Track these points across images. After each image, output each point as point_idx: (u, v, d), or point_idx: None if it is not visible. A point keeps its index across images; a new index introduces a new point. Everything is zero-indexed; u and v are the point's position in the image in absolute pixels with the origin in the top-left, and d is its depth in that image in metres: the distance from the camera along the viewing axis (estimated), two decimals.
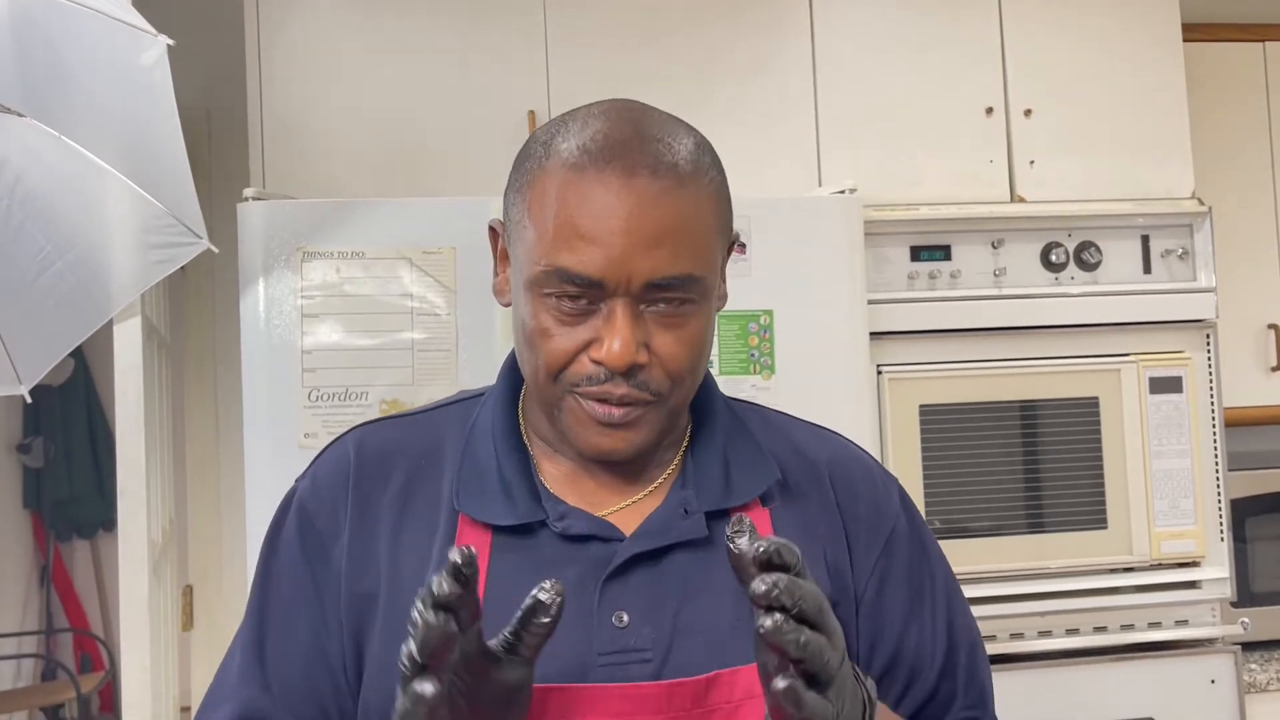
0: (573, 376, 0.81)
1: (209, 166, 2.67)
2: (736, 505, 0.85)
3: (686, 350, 0.81)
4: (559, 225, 0.79)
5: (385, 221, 1.75)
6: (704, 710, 0.79)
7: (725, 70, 2.08)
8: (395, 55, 2.02)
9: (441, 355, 1.74)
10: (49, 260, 1.56)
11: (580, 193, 0.79)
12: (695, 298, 0.81)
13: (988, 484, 1.98)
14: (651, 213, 0.79)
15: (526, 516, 0.83)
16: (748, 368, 1.81)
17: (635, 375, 0.80)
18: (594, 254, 0.78)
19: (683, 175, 0.81)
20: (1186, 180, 2.14)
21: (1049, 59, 2.14)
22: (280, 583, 0.86)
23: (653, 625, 0.80)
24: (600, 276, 0.78)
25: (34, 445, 4.58)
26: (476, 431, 0.88)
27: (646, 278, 0.78)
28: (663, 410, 0.83)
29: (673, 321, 0.81)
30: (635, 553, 0.82)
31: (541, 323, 0.81)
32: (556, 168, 0.81)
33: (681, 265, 0.79)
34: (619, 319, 0.79)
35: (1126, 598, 2.00)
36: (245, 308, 1.72)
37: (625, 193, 0.78)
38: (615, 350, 0.78)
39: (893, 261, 2.01)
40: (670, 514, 0.84)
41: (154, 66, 1.34)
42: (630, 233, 0.78)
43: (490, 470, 0.85)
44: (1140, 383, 2.01)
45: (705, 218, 0.82)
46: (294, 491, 0.89)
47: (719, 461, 0.87)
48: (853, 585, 0.88)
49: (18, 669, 4.42)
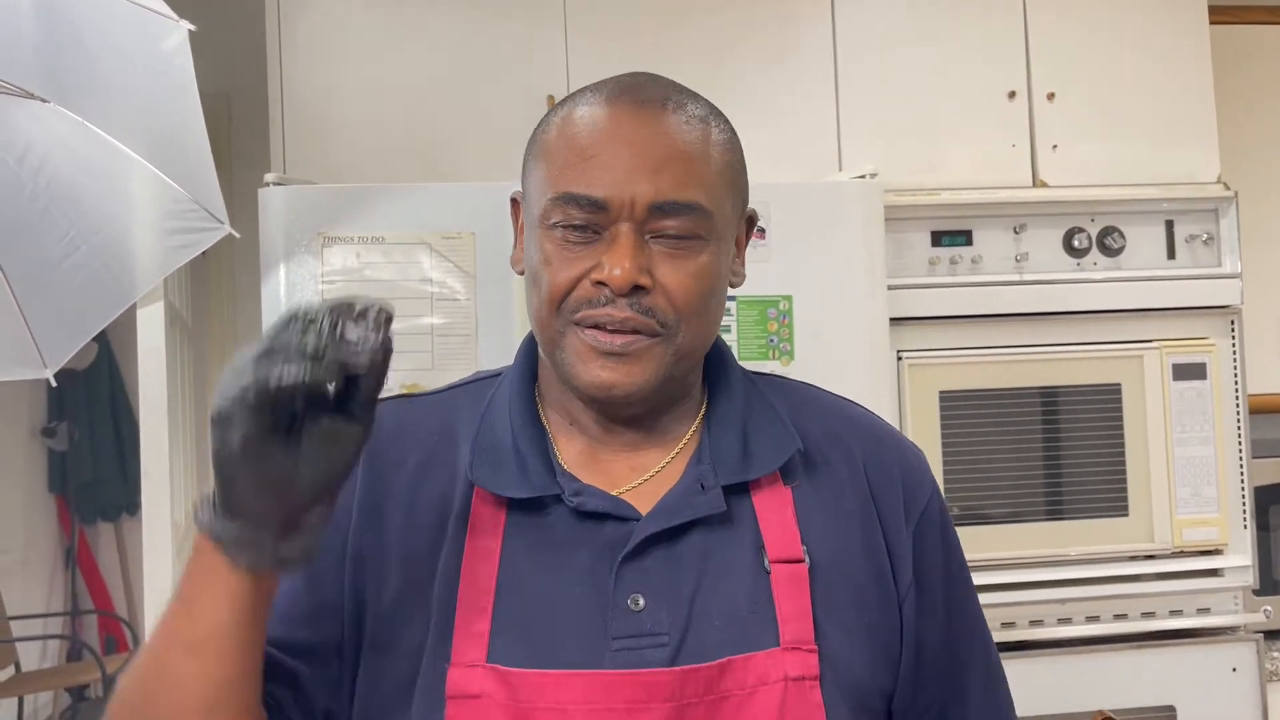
0: (574, 304, 0.80)
1: (230, 153, 2.68)
2: (756, 477, 0.83)
3: (693, 282, 0.80)
4: (566, 155, 0.80)
5: (405, 206, 1.75)
6: (716, 697, 0.78)
7: (745, 55, 2.07)
8: (415, 41, 2.02)
9: (461, 340, 1.74)
10: (74, 245, 1.57)
11: (588, 122, 0.81)
12: (702, 234, 0.80)
13: (1008, 471, 1.97)
14: (658, 138, 0.79)
15: (541, 490, 0.82)
16: (766, 353, 1.81)
17: (638, 302, 0.79)
18: (599, 175, 0.78)
19: (692, 115, 0.82)
20: (1212, 164, 2.12)
21: (1073, 42, 2.12)
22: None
23: (669, 608, 0.79)
24: (604, 197, 0.78)
25: (59, 429, 4.63)
26: (493, 407, 0.87)
27: (650, 199, 0.78)
28: (669, 349, 0.80)
29: (678, 254, 0.80)
30: (652, 532, 0.81)
31: (546, 254, 0.81)
32: (568, 115, 0.83)
33: (687, 193, 0.79)
34: (622, 240, 0.78)
35: (1148, 585, 1.99)
36: (266, 293, 1.73)
37: (633, 119, 0.80)
38: (617, 268, 0.77)
39: (913, 247, 2.00)
40: (687, 489, 0.83)
41: (175, 52, 1.35)
42: (636, 155, 0.78)
43: (506, 444, 0.84)
44: (1163, 369, 2.00)
45: (714, 160, 0.82)
46: None
47: (737, 433, 0.85)
48: (889, 563, 0.85)
49: (44, 650, 4.48)
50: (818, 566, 0.82)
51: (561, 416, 0.87)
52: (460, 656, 0.78)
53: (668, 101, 0.81)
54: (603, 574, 0.80)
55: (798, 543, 0.82)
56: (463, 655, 0.78)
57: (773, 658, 0.79)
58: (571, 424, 0.87)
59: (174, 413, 1.81)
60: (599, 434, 0.86)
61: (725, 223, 0.83)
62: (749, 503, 0.84)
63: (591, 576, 0.80)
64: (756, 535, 0.82)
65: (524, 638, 0.79)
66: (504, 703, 0.77)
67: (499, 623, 0.79)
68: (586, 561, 0.80)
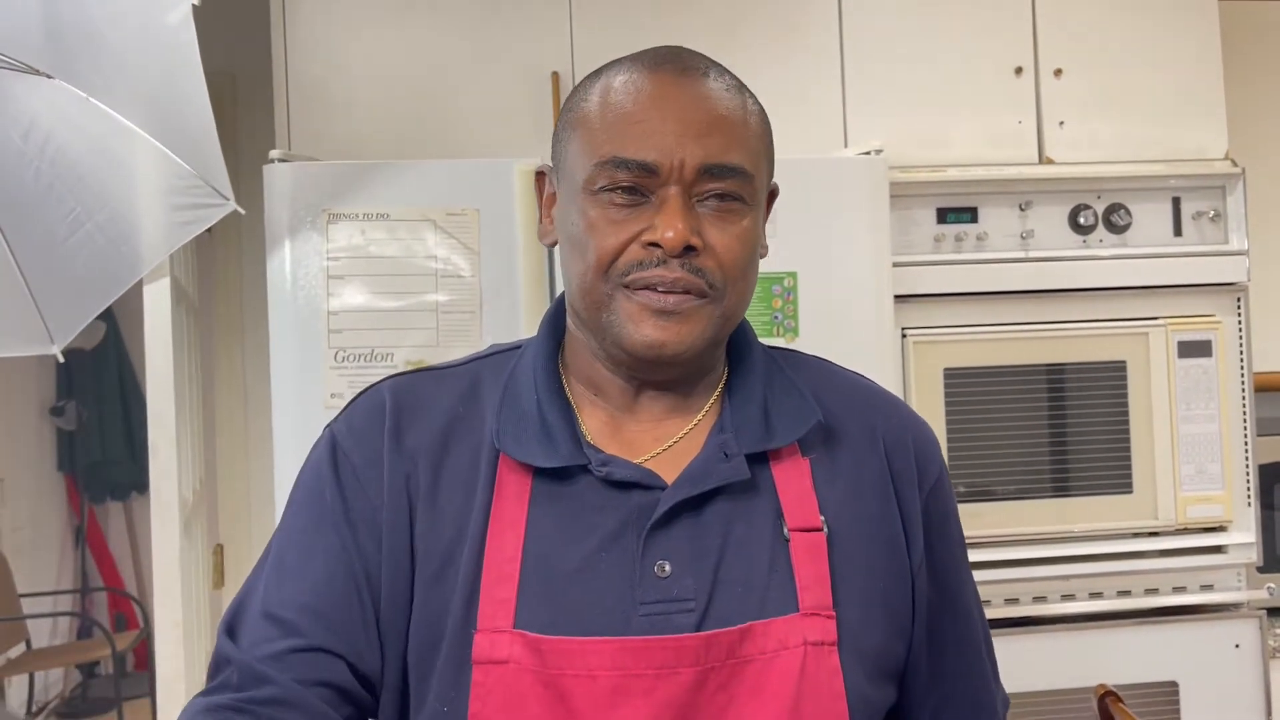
0: (624, 266, 0.80)
1: (235, 130, 2.68)
2: (777, 447, 0.84)
3: (739, 245, 0.81)
4: (612, 121, 0.81)
5: (409, 183, 1.75)
6: (739, 661, 0.79)
7: (751, 31, 2.06)
8: (419, 17, 2.02)
9: (465, 317, 1.75)
10: (79, 221, 1.58)
11: (633, 90, 0.82)
12: (745, 197, 0.82)
13: (1013, 448, 1.97)
14: (704, 103, 0.81)
15: (568, 459, 0.82)
16: (771, 330, 1.81)
17: (689, 262, 0.80)
18: (648, 139, 0.79)
19: (730, 84, 0.84)
20: (1220, 141, 2.11)
21: (1080, 17, 2.10)
22: (310, 507, 0.85)
23: (694, 575, 0.80)
24: (654, 160, 0.79)
25: (67, 408, 4.65)
26: (517, 377, 0.88)
27: (700, 161, 0.79)
28: (716, 310, 0.82)
29: (724, 217, 0.81)
30: (678, 500, 0.81)
31: (592, 220, 0.81)
32: (608, 84, 0.83)
33: (733, 156, 0.80)
34: (673, 201, 0.79)
35: (1151, 562, 1.99)
36: (272, 269, 1.73)
37: (677, 85, 0.81)
38: (670, 230, 0.78)
39: (919, 224, 2.00)
40: (710, 458, 0.84)
41: (180, 26, 1.35)
42: (685, 120, 0.80)
43: (531, 414, 0.85)
44: (1169, 346, 2.00)
45: (754, 127, 0.84)
46: (329, 432, 0.88)
47: (758, 403, 0.86)
48: (904, 533, 0.87)
49: (54, 626, 4.51)
50: (835, 535, 0.84)
51: (586, 388, 0.88)
52: (486, 622, 0.79)
53: (710, 70, 0.84)
54: (630, 541, 0.81)
55: (816, 512, 0.84)
56: (489, 621, 0.79)
57: (792, 623, 0.80)
58: (596, 394, 0.87)
59: (180, 389, 1.82)
60: (623, 404, 0.87)
61: (762, 190, 0.85)
62: (769, 473, 0.85)
63: (618, 544, 0.81)
64: (776, 504, 0.84)
65: (550, 604, 0.79)
66: (532, 668, 0.78)
67: (525, 589, 0.80)
68: (613, 529, 0.81)
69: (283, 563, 0.84)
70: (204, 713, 0.77)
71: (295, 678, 0.78)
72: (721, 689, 0.78)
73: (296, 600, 0.81)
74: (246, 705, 0.76)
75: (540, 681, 0.77)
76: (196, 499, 2.14)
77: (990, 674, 0.94)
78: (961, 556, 0.93)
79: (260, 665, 0.78)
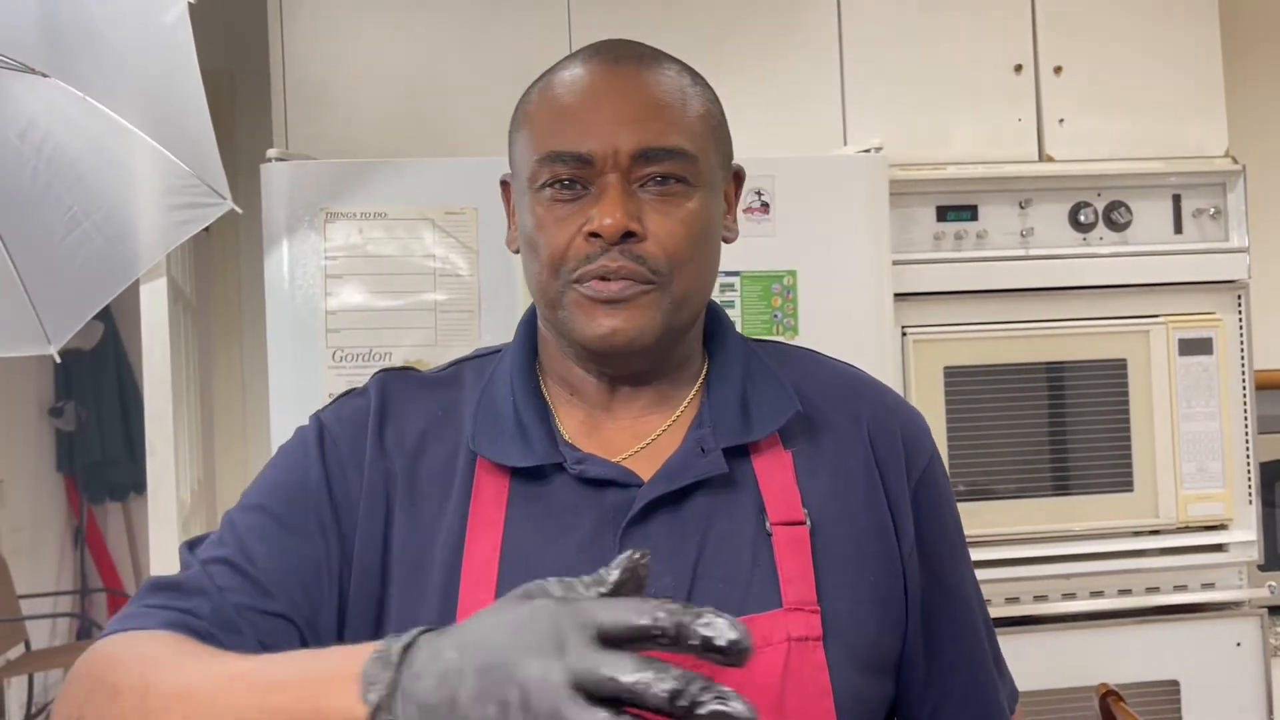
0: (571, 262, 0.80)
1: (233, 129, 2.68)
2: (755, 440, 0.84)
3: (682, 228, 0.81)
4: (548, 117, 0.82)
5: (407, 182, 1.75)
6: None
7: (749, 28, 2.06)
8: (416, 15, 2.01)
9: (464, 316, 1.74)
10: (76, 220, 1.57)
11: (567, 84, 0.82)
12: (688, 178, 0.81)
13: (1013, 446, 1.97)
14: (636, 90, 0.81)
15: (544, 458, 0.82)
16: (770, 329, 1.80)
17: (630, 250, 0.79)
18: (581, 130, 0.80)
19: (668, 69, 0.84)
20: (1220, 138, 2.10)
21: (1080, 14, 2.10)
22: (294, 474, 0.84)
23: (673, 572, 0.80)
24: (588, 150, 0.79)
25: (66, 409, 4.65)
26: (494, 380, 0.88)
27: (634, 147, 0.79)
28: (665, 297, 0.81)
29: (666, 201, 0.81)
30: (654, 496, 0.81)
31: (539, 219, 0.82)
32: (546, 83, 0.84)
33: (669, 139, 0.80)
34: (610, 190, 0.79)
35: (1152, 560, 1.99)
36: (269, 269, 1.73)
37: (609, 74, 0.82)
38: (607, 217, 0.78)
39: (918, 222, 1.99)
40: (688, 454, 0.83)
41: (176, 25, 1.35)
42: (616, 108, 0.80)
43: (508, 414, 0.85)
44: (1169, 344, 1.99)
45: (693, 108, 0.83)
46: (316, 418, 0.88)
47: (736, 397, 0.86)
48: (892, 523, 0.86)
49: (53, 628, 4.51)
50: (819, 528, 0.83)
51: (562, 388, 0.88)
52: None
53: (643, 57, 0.83)
54: (606, 540, 0.80)
55: (798, 505, 0.83)
56: None
57: (775, 619, 0.79)
58: (572, 394, 0.87)
59: (178, 389, 1.81)
60: (600, 402, 0.86)
61: (710, 170, 0.84)
62: (750, 466, 0.84)
63: (595, 543, 0.80)
64: (758, 498, 0.83)
65: None
66: None
67: (503, 590, 0.79)
68: (589, 528, 0.81)
69: (260, 520, 0.82)
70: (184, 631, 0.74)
71: (261, 639, 0.77)
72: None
73: (272, 565, 0.80)
74: (223, 646, 0.74)
75: None
76: (195, 499, 2.14)
77: (992, 663, 0.93)
78: (958, 545, 0.92)
79: (233, 613, 0.77)
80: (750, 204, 1.81)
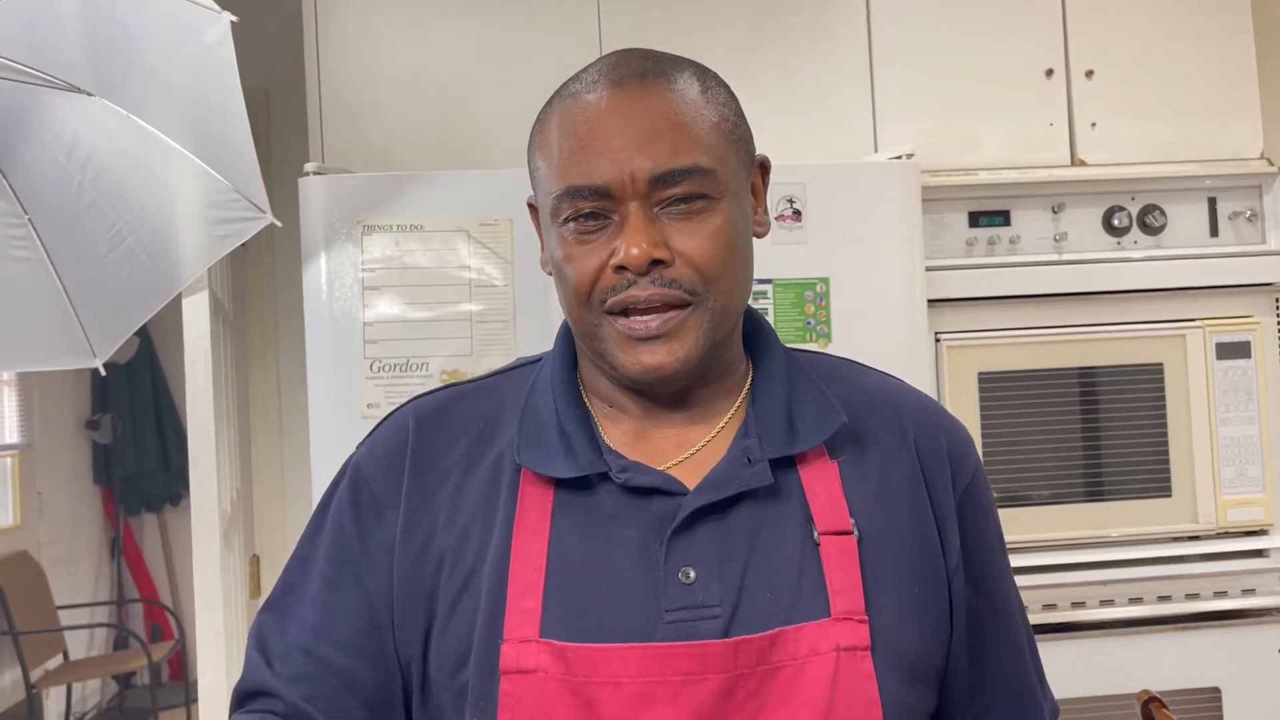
0: (600, 293, 0.80)
1: (269, 144, 2.71)
2: (802, 451, 0.84)
3: (710, 244, 0.80)
4: (562, 150, 0.81)
5: (442, 194, 1.77)
6: (769, 667, 0.78)
7: (779, 35, 2.07)
8: (449, 27, 2.04)
9: (499, 326, 1.76)
10: (120, 236, 1.60)
11: (576, 114, 0.81)
12: (709, 192, 0.80)
13: (1048, 452, 1.96)
14: (643, 112, 0.80)
15: (588, 468, 0.82)
16: (804, 336, 1.81)
17: (660, 276, 0.79)
18: (596, 163, 0.79)
19: (672, 78, 0.82)
20: (1256, 140, 2.09)
21: (1111, 17, 2.09)
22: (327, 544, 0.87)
23: (720, 581, 0.79)
24: (605, 182, 0.79)
25: (103, 422, 4.71)
26: (536, 390, 0.88)
27: (649, 172, 0.78)
28: (703, 314, 0.81)
29: (690, 220, 0.80)
30: (700, 505, 0.81)
31: (566, 251, 0.82)
32: (556, 108, 0.84)
33: (683, 158, 0.79)
34: (632, 219, 0.79)
35: (1191, 566, 1.97)
36: (308, 281, 1.75)
37: (614, 99, 0.81)
38: (634, 248, 0.78)
39: (951, 227, 1.99)
40: (733, 464, 0.83)
41: (218, 44, 1.37)
42: (625, 134, 0.79)
43: (551, 425, 0.85)
44: (1207, 348, 1.98)
45: (705, 118, 0.82)
46: (351, 459, 0.90)
47: (781, 407, 0.85)
48: (938, 535, 0.86)
49: (91, 638, 4.56)
50: (866, 539, 0.82)
51: (603, 400, 0.88)
52: (513, 633, 0.79)
53: (646, 75, 0.82)
54: (653, 548, 0.80)
55: (846, 515, 0.82)
56: (515, 631, 0.79)
57: (824, 628, 0.79)
58: (612, 406, 0.87)
59: (219, 401, 1.84)
60: (643, 415, 0.87)
61: (732, 177, 0.83)
62: (796, 477, 0.84)
63: (641, 551, 0.80)
64: (805, 508, 0.83)
65: (576, 613, 0.79)
66: (560, 676, 0.78)
67: (550, 599, 0.80)
68: (636, 537, 0.81)
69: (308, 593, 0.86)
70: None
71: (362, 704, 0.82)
72: (752, 696, 0.78)
73: (329, 637, 0.84)
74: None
75: (568, 690, 0.77)
76: (234, 510, 2.16)
77: (1035, 677, 0.93)
78: (1001, 557, 0.91)
79: (304, 705, 0.82)
80: (782, 211, 1.81)
